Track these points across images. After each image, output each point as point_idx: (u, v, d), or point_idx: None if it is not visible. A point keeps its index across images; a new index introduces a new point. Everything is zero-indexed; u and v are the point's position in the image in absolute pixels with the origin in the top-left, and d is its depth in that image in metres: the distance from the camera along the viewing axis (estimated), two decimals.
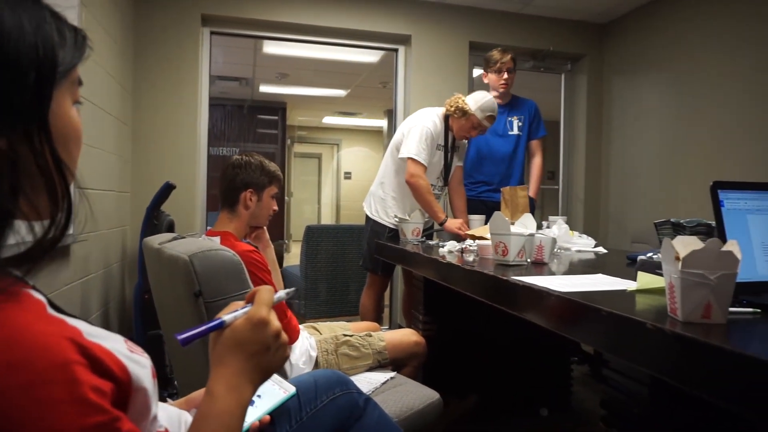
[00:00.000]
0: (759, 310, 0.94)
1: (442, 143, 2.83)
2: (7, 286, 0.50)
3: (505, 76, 3.12)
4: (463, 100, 2.74)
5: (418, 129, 2.71)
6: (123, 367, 0.53)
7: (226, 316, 0.70)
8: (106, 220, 2.71)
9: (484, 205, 3.12)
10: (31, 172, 0.52)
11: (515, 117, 3.24)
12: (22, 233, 0.54)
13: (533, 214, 3.22)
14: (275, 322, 0.71)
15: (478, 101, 2.73)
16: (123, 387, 0.53)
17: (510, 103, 3.26)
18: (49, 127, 0.53)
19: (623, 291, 1.16)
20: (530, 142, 3.28)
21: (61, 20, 0.57)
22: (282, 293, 0.81)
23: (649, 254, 1.55)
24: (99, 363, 0.50)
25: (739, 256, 0.84)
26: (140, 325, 2.63)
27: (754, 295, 0.99)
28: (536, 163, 3.30)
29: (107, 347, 0.53)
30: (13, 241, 0.52)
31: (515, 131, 3.23)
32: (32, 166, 0.52)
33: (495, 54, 3.15)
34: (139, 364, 0.57)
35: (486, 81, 3.23)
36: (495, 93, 3.20)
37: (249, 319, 0.70)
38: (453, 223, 2.68)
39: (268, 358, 0.70)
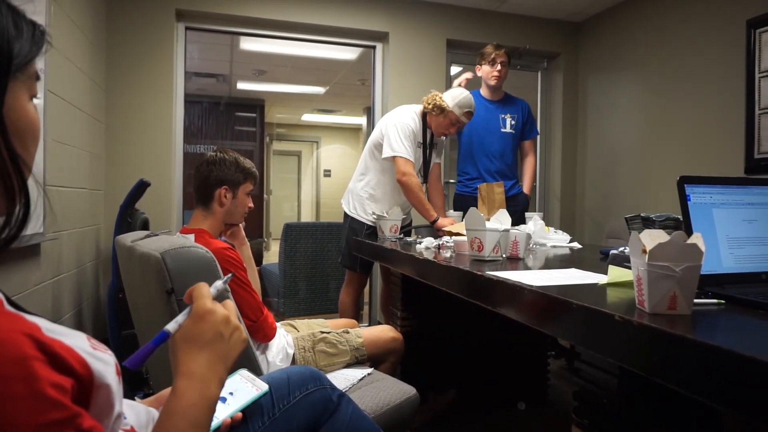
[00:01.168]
0: (723, 302, 0.96)
1: (421, 140, 2.84)
2: None
3: (498, 67, 3.15)
4: (441, 98, 2.74)
5: (399, 126, 2.71)
6: (84, 364, 0.53)
7: (169, 325, 0.72)
8: (79, 218, 2.66)
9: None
10: None
11: (508, 114, 3.26)
12: None
13: (527, 210, 3.24)
14: (220, 309, 0.73)
15: (455, 98, 2.74)
16: (84, 383, 0.52)
17: (503, 100, 3.28)
18: (4, 121, 0.52)
19: (594, 285, 1.18)
20: (523, 141, 3.32)
21: (18, 14, 0.56)
22: (219, 283, 0.83)
23: (621, 248, 1.58)
24: (58, 359, 0.49)
25: (703, 248, 0.85)
26: (115, 324, 2.59)
27: (719, 287, 1.02)
28: (530, 161, 3.35)
29: (67, 343, 0.52)
30: None
31: (508, 129, 3.25)
32: None
33: (489, 48, 3.19)
34: (102, 361, 0.56)
35: (479, 74, 3.26)
36: (486, 88, 3.23)
37: (194, 314, 0.71)
38: (445, 222, 2.69)
39: (224, 344, 0.71)
